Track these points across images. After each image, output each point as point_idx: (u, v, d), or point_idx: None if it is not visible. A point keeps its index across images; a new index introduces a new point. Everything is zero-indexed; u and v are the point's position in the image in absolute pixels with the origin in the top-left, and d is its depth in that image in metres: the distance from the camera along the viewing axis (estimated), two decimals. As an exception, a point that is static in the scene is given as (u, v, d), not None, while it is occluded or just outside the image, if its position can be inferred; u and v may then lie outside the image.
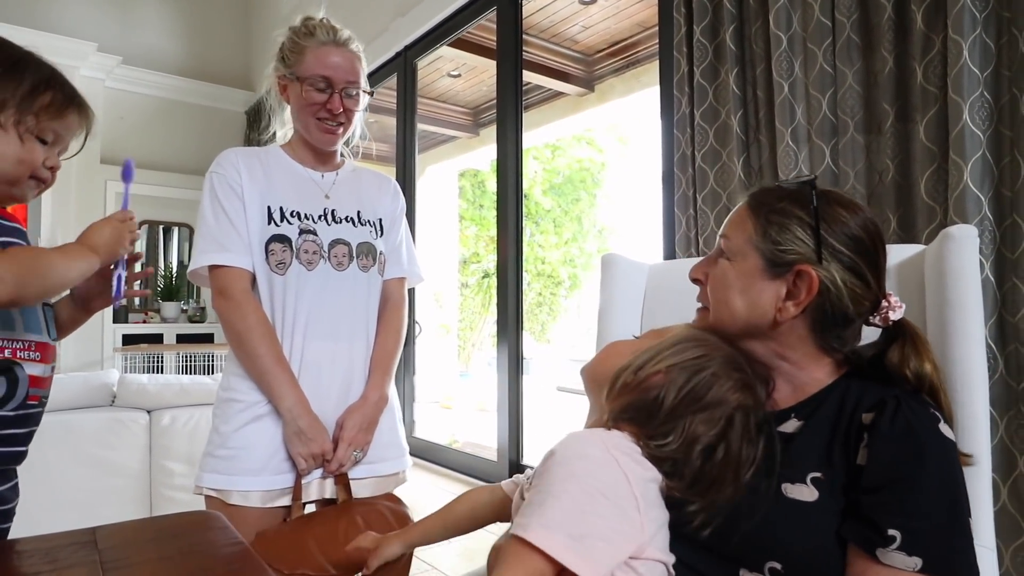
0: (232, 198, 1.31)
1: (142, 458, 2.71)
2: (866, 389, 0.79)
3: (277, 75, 1.39)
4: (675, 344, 0.83)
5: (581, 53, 5.02)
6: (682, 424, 0.77)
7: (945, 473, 0.71)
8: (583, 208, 11.74)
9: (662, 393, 0.78)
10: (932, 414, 0.74)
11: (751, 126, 1.97)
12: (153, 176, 5.32)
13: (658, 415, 0.78)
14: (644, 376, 0.80)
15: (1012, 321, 1.44)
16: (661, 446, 0.76)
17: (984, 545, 0.85)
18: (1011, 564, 1.43)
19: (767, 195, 0.85)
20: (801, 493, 0.75)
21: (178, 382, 2.84)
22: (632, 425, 0.80)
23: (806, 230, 0.80)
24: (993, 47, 1.48)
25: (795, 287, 0.80)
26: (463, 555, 2.70)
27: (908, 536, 0.67)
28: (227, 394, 1.33)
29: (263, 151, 1.41)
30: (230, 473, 1.26)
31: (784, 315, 0.81)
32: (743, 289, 0.83)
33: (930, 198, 1.57)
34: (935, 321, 0.96)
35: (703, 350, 0.82)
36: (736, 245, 0.84)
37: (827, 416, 0.79)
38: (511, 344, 3.37)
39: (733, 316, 0.84)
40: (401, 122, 4.29)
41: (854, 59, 1.72)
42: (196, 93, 5.74)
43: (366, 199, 1.45)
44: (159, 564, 0.76)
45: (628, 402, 0.81)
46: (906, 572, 0.67)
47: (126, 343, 5.37)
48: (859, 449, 0.74)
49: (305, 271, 1.32)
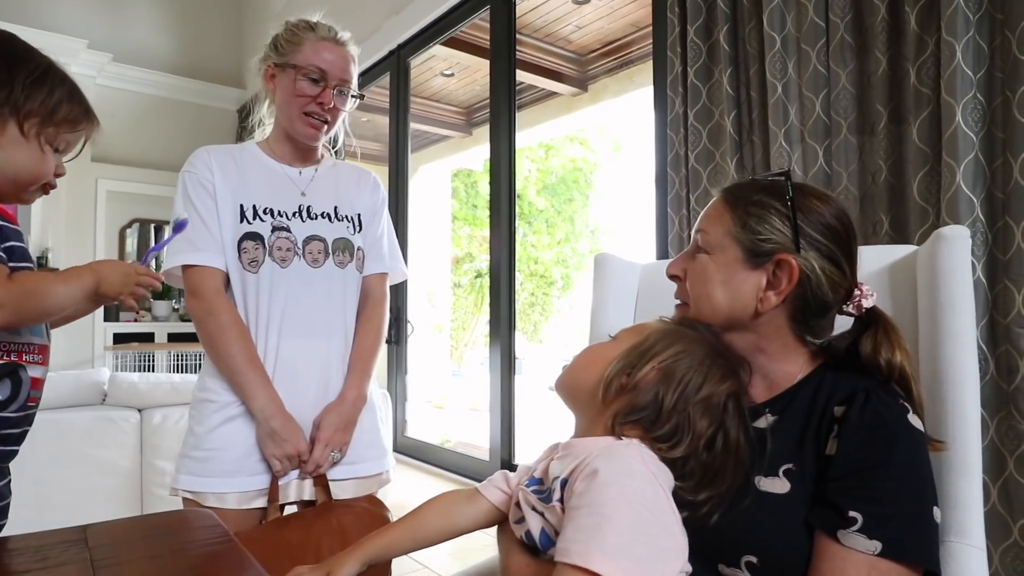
0: (204, 197, 1.30)
1: (133, 457, 2.70)
2: (839, 382, 0.81)
3: (266, 63, 1.37)
4: (661, 340, 0.82)
5: (574, 53, 5.02)
6: (685, 420, 0.76)
7: (911, 462, 0.72)
8: (576, 208, 11.76)
9: (660, 392, 0.78)
10: (901, 405, 0.76)
11: (744, 126, 1.97)
12: (144, 174, 5.30)
13: (661, 415, 0.77)
14: (640, 377, 0.79)
15: (1003, 323, 1.45)
16: (672, 447, 0.76)
17: (974, 545, 0.86)
18: (1000, 564, 1.44)
19: (742, 189, 0.86)
20: (774, 486, 0.77)
21: (169, 381, 2.83)
22: (637, 428, 0.78)
23: (783, 220, 0.81)
24: (986, 49, 1.49)
25: (775, 277, 0.81)
26: (455, 555, 2.70)
27: (870, 520, 0.69)
28: (202, 394, 1.31)
29: (237, 149, 1.39)
30: (205, 475, 1.25)
31: (765, 305, 0.82)
32: (724, 281, 0.83)
33: (923, 199, 1.58)
34: (927, 322, 0.96)
35: (687, 343, 0.81)
36: (714, 238, 0.84)
37: (800, 409, 0.81)
38: (504, 344, 3.37)
39: (715, 309, 0.84)
40: (394, 121, 4.28)
41: (848, 60, 1.73)
42: (188, 91, 5.71)
43: (343, 194, 1.43)
44: (150, 562, 0.75)
45: (629, 404, 0.79)
46: (865, 554, 0.68)
47: (117, 342, 5.34)
48: (828, 440, 0.76)
49: (279, 268, 1.30)
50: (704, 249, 0.85)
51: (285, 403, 1.27)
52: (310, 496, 1.30)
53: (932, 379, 0.93)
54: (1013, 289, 1.43)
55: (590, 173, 11.57)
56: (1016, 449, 1.43)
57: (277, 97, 1.37)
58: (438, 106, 6.25)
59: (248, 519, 1.25)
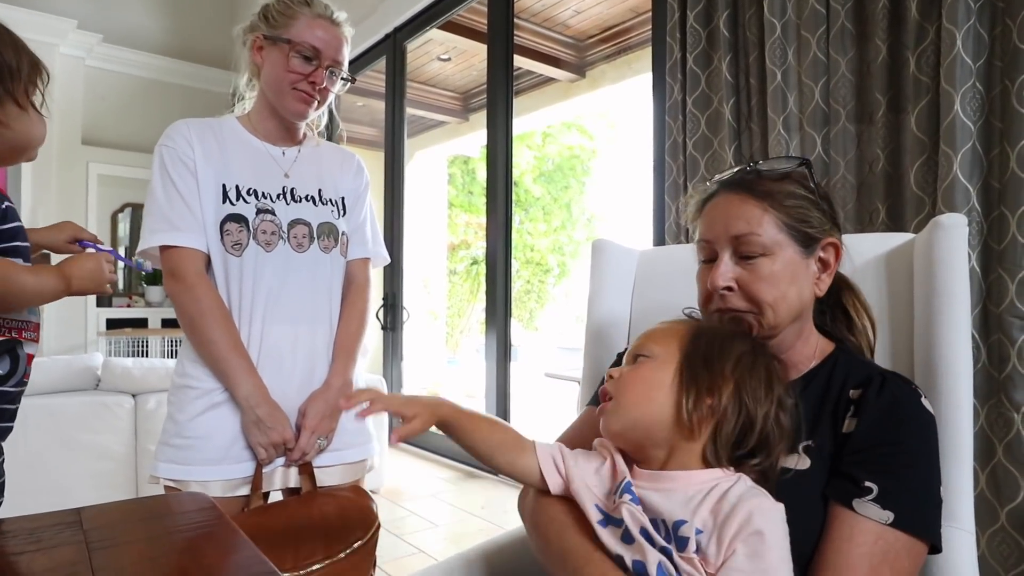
0: (184, 174, 1.25)
1: (127, 442, 2.70)
2: (852, 367, 0.84)
3: (255, 34, 1.31)
4: (710, 345, 0.78)
5: (573, 38, 4.99)
6: (775, 424, 0.75)
7: (924, 443, 0.76)
8: (572, 196, 11.73)
9: (746, 405, 0.75)
10: (914, 390, 0.79)
11: (743, 114, 1.97)
12: (136, 158, 5.25)
13: (754, 427, 0.75)
14: (726, 397, 0.75)
15: (996, 312, 1.46)
16: (768, 455, 0.75)
17: (964, 528, 0.88)
18: (987, 549, 1.46)
19: (760, 184, 0.85)
20: (794, 463, 0.79)
21: (163, 366, 2.82)
22: (730, 447, 0.76)
23: (815, 206, 0.85)
24: (987, 37, 1.48)
25: (821, 261, 0.86)
26: (450, 539, 2.71)
27: (884, 491, 0.72)
28: (182, 380, 1.28)
29: (217, 123, 1.34)
30: (188, 463, 1.22)
31: (822, 288, 0.86)
32: (791, 279, 0.83)
33: (919, 189, 1.58)
34: (922, 309, 0.96)
35: (729, 341, 0.79)
36: (768, 239, 0.82)
37: (816, 391, 0.84)
38: (499, 331, 3.37)
39: (791, 309, 0.83)
40: (390, 106, 4.25)
41: (847, 48, 1.72)
42: (179, 73, 5.64)
43: (327, 177, 1.39)
44: (146, 544, 0.75)
45: (722, 428, 0.75)
46: (876, 523, 0.71)
47: (110, 327, 5.32)
48: (845, 419, 0.79)
49: (263, 252, 1.27)
50: (758, 252, 0.82)
51: (270, 390, 1.25)
52: (295, 484, 1.29)
53: (926, 366, 0.93)
54: (1007, 278, 1.43)
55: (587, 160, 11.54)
56: (1005, 436, 1.44)
57: (265, 71, 1.31)
58: (434, 91, 6.21)
59: (231, 507, 1.23)
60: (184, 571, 0.68)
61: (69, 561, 0.68)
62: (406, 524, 2.86)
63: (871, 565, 0.70)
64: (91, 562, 0.68)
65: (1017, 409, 1.42)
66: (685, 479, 0.74)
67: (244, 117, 1.38)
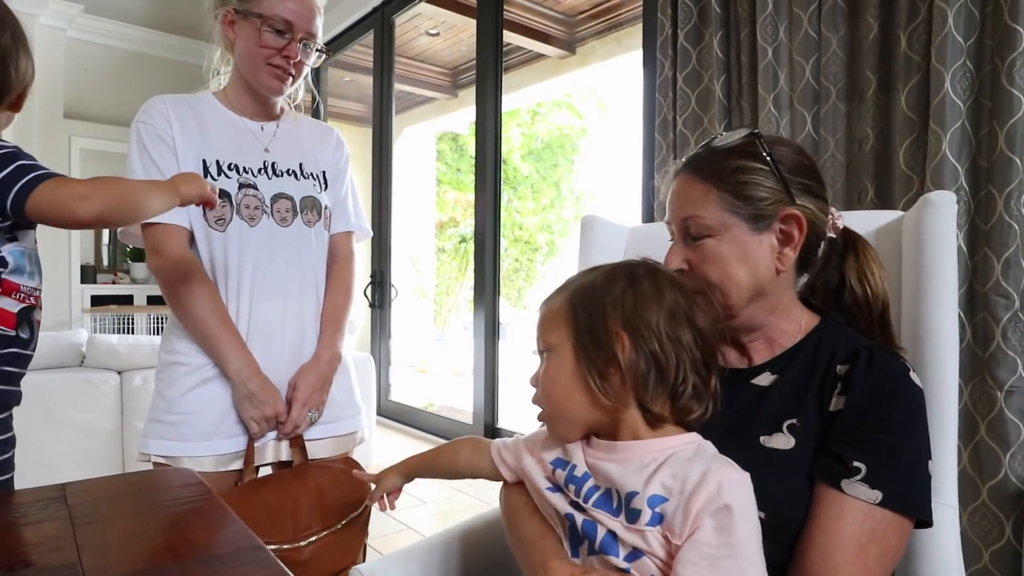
0: (163, 149, 1.23)
1: (113, 419, 2.69)
2: (839, 341, 0.82)
3: (225, 8, 1.28)
4: (585, 307, 0.74)
5: (563, 14, 4.93)
6: (679, 348, 0.70)
7: (913, 417, 0.75)
8: (561, 174, 11.69)
9: (646, 348, 0.70)
10: (903, 364, 0.78)
11: (734, 91, 1.96)
12: (119, 132, 5.16)
13: (662, 363, 0.70)
14: (626, 354, 0.70)
15: (982, 291, 1.47)
16: (690, 391, 0.71)
17: (947, 504, 0.89)
18: (968, 524, 1.49)
19: (712, 161, 0.84)
20: (778, 442, 0.78)
21: (149, 343, 2.80)
22: (661, 393, 0.71)
23: (769, 178, 0.81)
24: (978, 16, 1.48)
25: (783, 234, 0.82)
26: (438, 516, 2.73)
27: (873, 470, 0.71)
28: (170, 357, 1.27)
29: (194, 99, 1.32)
30: (179, 439, 1.22)
31: (785, 262, 0.82)
32: (740, 257, 0.81)
33: (908, 167, 1.58)
34: (910, 286, 0.97)
35: (601, 286, 0.74)
36: (713, 219, 0.82)
37: (801, 367, 0.82)
38: (488, 309, 3.37)
39: (740, 287, 0.82)
40: (378, 82, 4.20)
41: (839, 25, 1.71)
42: (163, 46, 5.54)
43: (308, 151, 1.38)
44: (131, 519, 0.75)
45: (638, 383, 0.70)
46: (864, 503, 0.71)
47: (95, 304, 5.27)
48: (832, 397, 0.77)
49: (247, 227, 1.26)
50: (704, 234, 0.82)
51: (260, 364, 1.25)
52: (287, 457, 1.30)
53: (912, 342, 0.94)
54: (993, 257, 1.44)
55: (576, 138, 11.48)
56: (988, 414, 1.46)
57: (238, 47, 1.29)
58: (423, 66, 6.13)
59: (224, 481, 1.23)
60: (170, 546, 0.68)
61: (53, 536, 0.68)
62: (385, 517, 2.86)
63: (859, 544, 0.70)
64: (76, 537, 0.67)
65: (1000, 387, 1.44)
66: (641, 448, 0.71)
67: (220, 92, 1.36)
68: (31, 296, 0.96)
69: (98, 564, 0.61)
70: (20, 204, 0.85)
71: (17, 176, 0.85)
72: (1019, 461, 1.43)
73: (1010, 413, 1.43)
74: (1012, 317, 1.43)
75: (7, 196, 0.85)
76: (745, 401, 0.83)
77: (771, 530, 0.73)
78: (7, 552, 0.64)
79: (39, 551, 0.65)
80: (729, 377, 0.86)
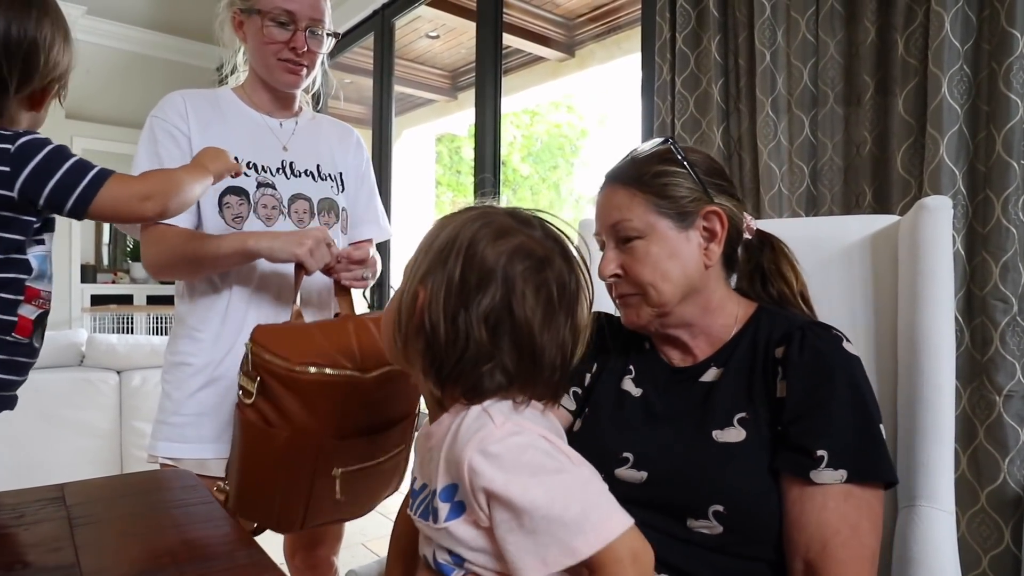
0: (172, 148, 1.22)
1: (112, 419, 2.69)
2: (774, 324, 0.85)
3: (232, 9, 1.28)
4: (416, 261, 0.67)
5: (562, 17, 4.94)
6: (467, 329, 0.61)
7: (854, 387, 0.77)
8: (561, 176, 11.69)
9: (432, 305, 0.62)
10: (835, 335, 0.81)
11: (732, 95, 1.96)
12: (120, 132, 5.16)
13: (439, 331, 0.62)
14: (427, 317, 0.63)
15: (979, 295, 1.47)
16: (465, 358, 0.62)
17: (944, 509, 0.89)
18: (966, 530, 1.48)
19: (634, 168, 0.89)
20: (729, 435, 0.80)
21: (148, 343, 2.80)
22: (461, 380, 0.63)
23: (688, 179, 0.86)
24: (975, 20, 1.48)
25: (707, 231, 0.87)
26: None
27: (832, 453, 0.73)
28: (176, 358, 1.27)
29: (213, 94, 1.32)
30: (186, 441, 1.22)
31: (712, 256, 0.87)
32: (671, 254, 0.85)
33: (906, 171, 1.58)
34: (907, 291, 0.97)
35: (434, 233, 0.67)
36: (640, 221, 0.86)
37: (743, 357, 0.85)
38: (487, 310, 3.37)
39: (675, 283, 0.86)
40: (378, 84, 4.20)
41: (836, 29, 1.71)
42: (165, 47, 5.55)
43: (325, 152, 1.38)
44: (129, 520, 0.75)
45: (423, 353, 0.64)
46: (837, 485, 0.73)
47: (95, 303, 5.27)
48: (776, 383, 0.80)
49: (263, 227, 1.25)
50: (633, 235, 0.86)
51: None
52: None
53: (909, 347, 0.94)
54: (991, 262, 1.45)
55: (576, 140, 11.49)
56: (987, 419, 1.46)
57: (248, 44, 1.29)
58: (423, 69, 6.14)
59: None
60: (168, 548, 0.68)
61: (52, 537, 0.68)
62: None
63: (850, 525, 0.72)
64: (74, 538, 0.67)
65: (999, 392, 1.44)
66: (436, 430, 0.64)
67: (240, 88, 1.35)
68: (48, 301, 0.94)
69: (96, 565, 0.61)
70: (83, 205, 0.82)
71: (76, 176, 0.82)
72: (1018, 466, 1.43)
73: (1009, 418, 1.43)
74: (1010, 321, 1.43)
75: (68, 198, 0.81)
76: (695, 399, 0.85)
77: (733, 523, 0.74)
78: (5, 552, 0.65)
79: (37, 551, 0.65)
80: (676, 376, 0.89)
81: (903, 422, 0.95)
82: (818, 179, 1.77)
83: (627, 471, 0.83)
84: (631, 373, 0.93)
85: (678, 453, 0.81)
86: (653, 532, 0.77)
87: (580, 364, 0.89)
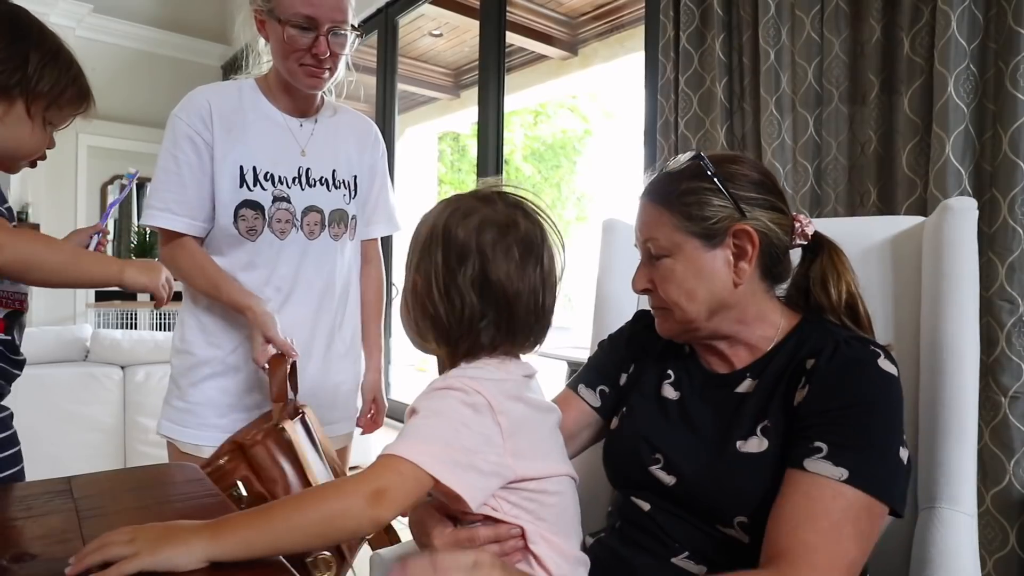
0: (189, 153, 1.24)
1: (116, 414, 2.70)
2: (814, 337, 0.83)
3: (254, 7, 1.26)
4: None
5: (565, 15, 4.94)
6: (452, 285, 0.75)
7: (880, 401, 0.74)
8: (563, 175, 11.70)
9: (423, 289, 0.77)
10: (872, 350, 0.77)
11: (736, 94, 1.96)
12: (126, 130, 5.17)
13: (437, 305, 0.75)
14: (435, 303, 0.76)
15: (985, 295, 1.46)
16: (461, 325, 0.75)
17: (965, 512, 0.87)
18: (971, 529, 1.48)
19: (663, 185, 0.88)
20: (751, 446, 0.79)
21: (152, 339, 2.81)
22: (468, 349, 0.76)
23: (719, 196, 0.84)
24: (981, 19, 1.47)
25: (737, 248, 0.84)
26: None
27: (834, 448, 0.70)
28: (183, 345, 1.31)
29: (236, 91, 1.30)
30: (185, 425, 1.29)
31: (741, 275, 0.84)
32: (696, 274, 0.84)
33: (911, 171, 1.58)
34: (930, 292, 0.96)
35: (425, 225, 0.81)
36: (666, 241, 0.85)
37: (777, 368, 0.83)
38: (490, 308, 3.37)
39: (699, 302, 0.85)
40: (381, 82, 4.20)
41: (841, 27, 1.71)
42: (170, 45, 5.55)
43: (343, 154, 1.37)
44: (136, 513, 0.76)
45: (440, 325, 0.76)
46: (831, 480, 0.69)
47: (99, 299, 5.28)
48: (796, 391, 0.78)
49: (276, 240, 1.28)
50: (662, 254, 0.86)
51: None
52: None
53: (932, 349, 0.93)
54: (997, 262, 1.44)
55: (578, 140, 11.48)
56: (992, 420, 1.45)
57: (271, 46, 1.27)
58: (426, 67, 6.14)
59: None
60: (175, 539, 0.68)
61: (60, 529, 0.68)
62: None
63: (831, 521, 0.68)
64: (81, 530, 0.68)
65: (1004, 393, 1.43)
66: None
67: (263, 79, 1.34)
68: (16, 300, 0.97)
69: (104, 556, 0.62)
70: None
71: None
72: (1023, 468, 1.43)
73: (1014, 419, 1.42)
74: (1016, 322, 1.42)
75: None
76: (727, 409, 0.84)
77: (759, 533, 0.73)
78: (14, 544, 0.65)
79: (45, 543, 0.65)
80: (713, 382, 0.89)
81: (924, 423, 0.93)
82: (822, 178, 1.77)
83: (659, 471, 0.84)
84: (670, 378, 0.93)
85: (703, 462, 0.81)
86: (693, 527, 0.80)
87: (616, 362, 1.01)
